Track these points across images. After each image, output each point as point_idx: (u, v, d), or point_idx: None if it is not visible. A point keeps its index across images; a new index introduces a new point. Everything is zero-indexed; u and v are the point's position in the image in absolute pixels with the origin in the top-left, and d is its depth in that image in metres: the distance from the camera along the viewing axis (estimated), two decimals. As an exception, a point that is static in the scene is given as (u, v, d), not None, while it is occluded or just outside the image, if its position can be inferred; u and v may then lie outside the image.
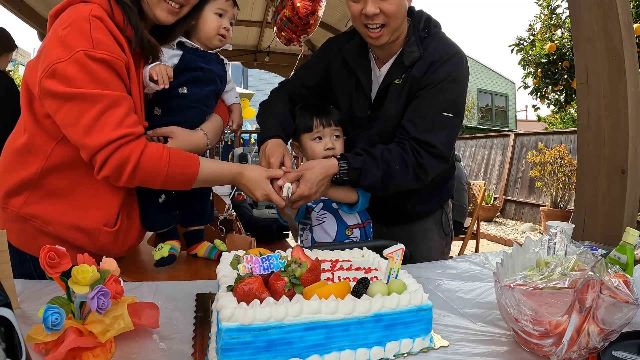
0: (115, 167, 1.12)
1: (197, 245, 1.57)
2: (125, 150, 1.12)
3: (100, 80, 1.11)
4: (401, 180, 1.42)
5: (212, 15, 1.37)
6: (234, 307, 0.73)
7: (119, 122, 1.12)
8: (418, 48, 1.46)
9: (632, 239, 1.09)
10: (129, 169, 1.13)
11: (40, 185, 1.19)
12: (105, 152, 1.11)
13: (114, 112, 1.11)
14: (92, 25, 1.10)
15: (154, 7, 1.24)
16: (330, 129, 1.50)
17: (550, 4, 7.68)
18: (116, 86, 1.14)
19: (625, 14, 1.66)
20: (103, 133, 1.10)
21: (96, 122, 1.10)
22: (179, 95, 1.32)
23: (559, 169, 6.49)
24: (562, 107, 8.07)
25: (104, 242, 1.25)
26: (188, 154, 1.24)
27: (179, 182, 1.23)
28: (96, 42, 1.10)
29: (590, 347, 0.80)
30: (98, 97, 1.10)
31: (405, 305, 0.83)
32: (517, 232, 6.95)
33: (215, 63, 1.41)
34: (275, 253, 0.88)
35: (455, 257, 1.56)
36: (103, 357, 0.77)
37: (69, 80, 1.08)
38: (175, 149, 1.24)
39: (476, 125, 17.55)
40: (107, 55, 1.11)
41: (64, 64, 1.08)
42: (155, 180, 1.20)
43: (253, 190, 1.33)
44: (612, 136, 1.70)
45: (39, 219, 1.19)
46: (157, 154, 1.18)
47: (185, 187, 1.27)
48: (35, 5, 4.02)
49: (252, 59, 6.30)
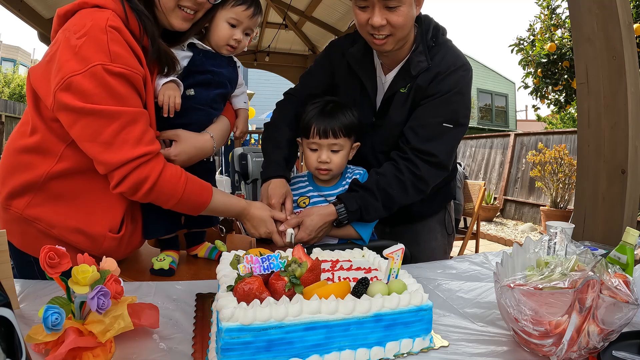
0: (132, 185, 1.12)
1: (198, 246, 1.57)
2: (145, 170, 1.12)
3: (117, 95, 1.08)
4: (403, 201, 1.44)
5: (223, 24, 1.30)
6: (234, 307, 0.73)
7: (138, 140, 1.10)
8: (426, 58, 1.44)
9: (632, 239, 1.09)
10: (146, 188, 1.13)
11: (45, 187, 1.17)
12: (125, 170, 1.10)
13: (133, 129, 1.10)
14: (109, 37, 1.06)
15: (169, 15, 1.21)
16: (328, 141, 1.41)
17: (550, 4, 7.68)
18: (134, 101, 1.12)
19: (625, 14, 1.66)
20: (123, 151, 1.08)
21: (115, 139, 1.08)
22: (186, 97, 1.29)
23: (559, 169, 6.49)
24: (562, 107, 8.07)
25: (107, 247, 1.24)
26: (203, 183, 1.25)
27: (190, 207, 1.25)
28: (114, 55, 1.06)
29: (590, 347, 0.80)
30: (116, 114, 1.07)
31: (405, 305, 0.83)
32: (517, 232, 6.95)
33: (226, 66, 1.38)
34: (275, 253, 0.88)
35: (455, 257, 1.56)
36: (103, 357, 0.77)
37: (85, 95, 1.05)
38: (192, 175, 1.24)
39: (476, 125, 17.55)
40: (125, 70, 1.08)
41: (79, 77, 1.04)
42: (167, 202, 1.20)
43: (257, 227, 1.38)
44: (612, 136, 1.70)
45: (43, 222, 1.18)
46: (176, 177, 1.18)
47: (193, 213, 1.28)
48: (35, 5, 4.02)
49: (252, 59, 6.30)
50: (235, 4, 1.29)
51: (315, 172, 1.48)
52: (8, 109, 11.93)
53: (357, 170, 1.54)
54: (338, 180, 1.53)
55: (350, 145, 1.48)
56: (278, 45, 6.63)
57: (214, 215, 1.43)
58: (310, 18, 5.70)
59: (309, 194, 1.52)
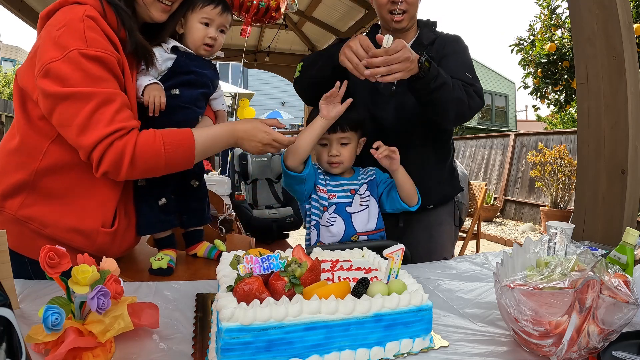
0: (112, 162, 1.12)
1: (196, 246, 1.57)
2: (120, 144, 1.12)
3: (93, 77, 1.10)
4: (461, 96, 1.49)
5: (197, 25, 1.37)
6: (234, 307, 0.73)
7: (112, 118, 1.11)
8: (433, 32, 1.74)
9: (632, 239, 1.09)
10: (126, 161, 1.13)
11: (37, 187, 1.18)
12: (100, 148, 1.10)
13: (107, 109, 1.11)
14: (85, 25, 1.11)
15: (149, 7, 1.26)
16: (337, 135, 1.49)
17: (550, 4, 7.68)
18: (109, 83, 1.14)
19: (625, 14, 1.66)
20: (96, 130, 1.09)
21: (89, 120, 1.09)
22: (171, 96, 1.33)
23: (559, 169, 6.49)
24: (562, 107, 8.07)
25: (101, 243, 1.24)
26: (179, 130, 1.23)
27: (181, 159, 1.21)
28: (90, 40, 1.10)
29: (590, 347, 0.80)
30: (91, 94, 1.09)
31: (405, 305, 0.83)
32: (517, 232, 6.95)
33: (207, 68, 1.43)
34: (275, 253, 0.88)
35: (455, 257, 1.56)
36: (103, 357, 0.77)
37: (62, 80, 1.08)
38: (166, 129, 1.22)
39: (476, 126, 17.53)
40: (100, 53, 1.11)
41: (57, 63, 1.08)
42: (157, 165, 1.18)
43: (255, 135, 1.29)
44: (612, 136, 1.70)
45: (37, 222, 1.19)
46: (150, 139, 1.16)
47: (188, 164, 1.24)
48: (35, 5, 4.02)
49: (252, 59, 6.31)
50: (203, 5, 1.37)
51: (327, 166, 1.53)
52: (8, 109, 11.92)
53: (369, 169, 1.61)
54: (352, 174, 1.59)
55: (357, 140, 1.55)
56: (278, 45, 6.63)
57: (209, 154, 1.33)
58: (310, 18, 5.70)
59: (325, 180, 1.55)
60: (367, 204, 1.53)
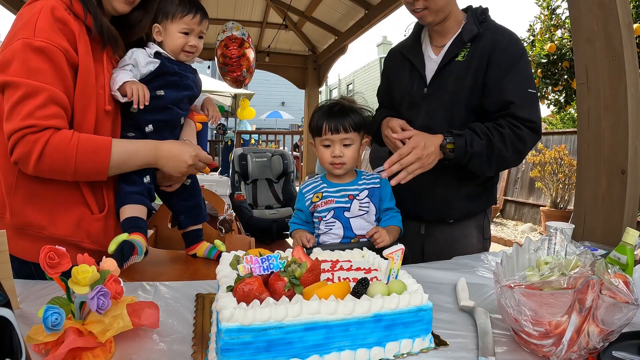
0: (21, 155, 1.12)
1: (196, 246, 1.57)
2: (31, 139, 1.11)
3: (29, 68, 1.11)
4: (502, 151, 1.46)
5: (176, 34, 1.38)
6: (234, 308, 0.73)
7: (29, 113, 1.10)
8: (477, 26, 1.58)
9: (632, 239, 1.09)
10: (34, 157, 1.12)
11: (19, 188, 1.19)
12: (13, 139, 1.11)
13: (28, 103, 1.11)
14: (40, 16, 1.12)
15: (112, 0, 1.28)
16: (340, 136, 1.46)
17: (550, 4, 7.68)
18: (45, 76, 1.12)
19: (625, 14, 1.66)
20: (14, 122, 1.10)
21: (12, 110, 1.11)
22: (156, 97, 1.34)
23: (559, 169, 6.48)
24: (562, 108, 8.06)
25: (95, 231, 1.25)
26: (100, 138, 1.21)
27: (92, 168, 1.19)
28: (38, 30, 1.11)
29: (590, 347, 0.80)
30: (19, 85, 1.10)
31: (405, 305, 0.83)
32: (517, 233, 6.95)
33: (190, 72, 1.45)
34: (274, 253, 0.88)
35: (455, 257, 1.56)
36: (103, 357, 0.77)
37: (4, 69, 1.10)
38: (89, 135, 1.20)
39: (476, 126, 17.50)
40: (44, 43, 1.11)
41: (5, 52, 1.10)
42: (65, 169, 1.15)
43: (180, 156, 1.31)
44: (612, 136, 1.70)
45: (35, 227, 1.19)
46: (65, 141, 1.14)
47: (100, 174, 1.21)
48: (35, 5, 4.02)
49: (252, 59, 6.29)
50: (182, 15, 1.37)
51: (330, 167, 1.52)
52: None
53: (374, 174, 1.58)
54: (353, 179, 1.56)
55: (360, 141, 1.54)
56: (278, 45, 6.63)
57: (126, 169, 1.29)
58: (310, 18, 5.70)
59: (322, 190, 1.54)
60: (366, 209, 1.50)
